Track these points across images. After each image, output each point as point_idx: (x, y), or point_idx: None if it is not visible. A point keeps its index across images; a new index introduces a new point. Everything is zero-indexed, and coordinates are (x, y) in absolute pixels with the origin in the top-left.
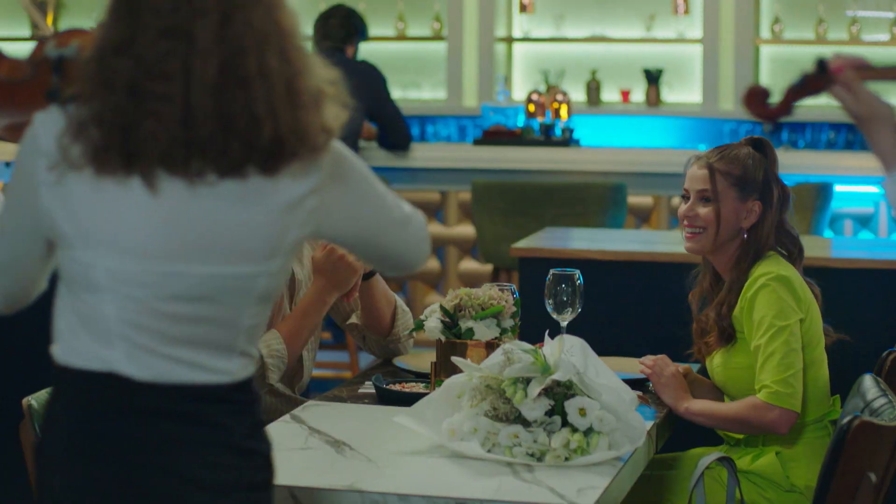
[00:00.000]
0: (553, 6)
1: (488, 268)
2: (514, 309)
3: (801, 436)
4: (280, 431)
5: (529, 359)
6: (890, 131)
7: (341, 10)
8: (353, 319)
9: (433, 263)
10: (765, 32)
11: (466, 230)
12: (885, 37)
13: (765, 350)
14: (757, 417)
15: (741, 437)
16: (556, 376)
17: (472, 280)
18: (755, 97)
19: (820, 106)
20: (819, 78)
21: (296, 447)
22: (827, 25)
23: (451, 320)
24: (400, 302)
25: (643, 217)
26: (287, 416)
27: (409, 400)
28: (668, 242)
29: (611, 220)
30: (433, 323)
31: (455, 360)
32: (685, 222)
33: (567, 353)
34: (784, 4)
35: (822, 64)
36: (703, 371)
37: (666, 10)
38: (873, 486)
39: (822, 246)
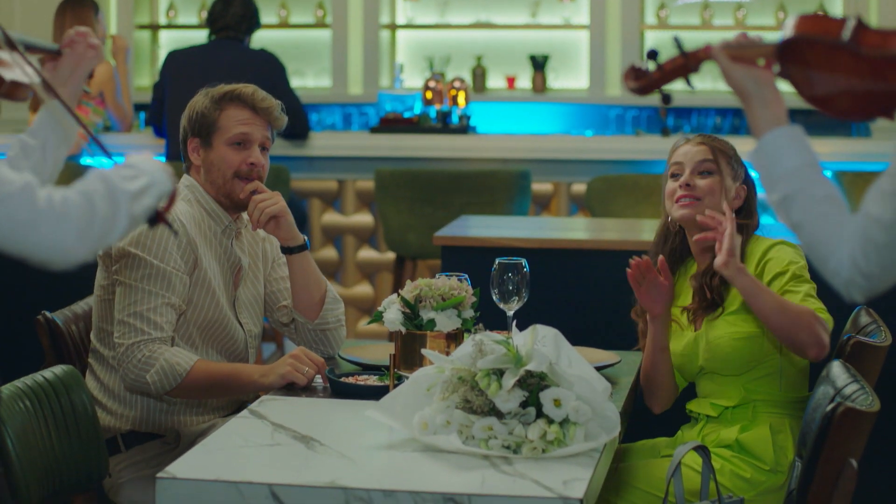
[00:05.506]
0: None
1: (389, 256)
2: (474, 299)
3: (795, 410)
4: (242, 427)
5: (502, 350)
6: (760, 107)
7: None
8: (284, 302)
9: (331, 253)
10: (650, 18)
11: (364, 219)
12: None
13: (807, 290)
14: (811, 323)
15: (731, 404)
16: (530, 367)
17: (371, 269)
18: (627, 74)
19: (706, 91)
20: (682, 56)
21: (263, 443)
22: (713, 11)
23: (411, 311)
24: (332, 290)
25: (543, 204)
26: (245, 412)
27: (365, 393)
28: (594, 230)
29: (517, 208)
30: (393, 314)
31: (425, 352)
32: (680, 192)
33: (539, 342)
34: None
35: (677, 42)
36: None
37: None
38: (854, 472)
39: None
